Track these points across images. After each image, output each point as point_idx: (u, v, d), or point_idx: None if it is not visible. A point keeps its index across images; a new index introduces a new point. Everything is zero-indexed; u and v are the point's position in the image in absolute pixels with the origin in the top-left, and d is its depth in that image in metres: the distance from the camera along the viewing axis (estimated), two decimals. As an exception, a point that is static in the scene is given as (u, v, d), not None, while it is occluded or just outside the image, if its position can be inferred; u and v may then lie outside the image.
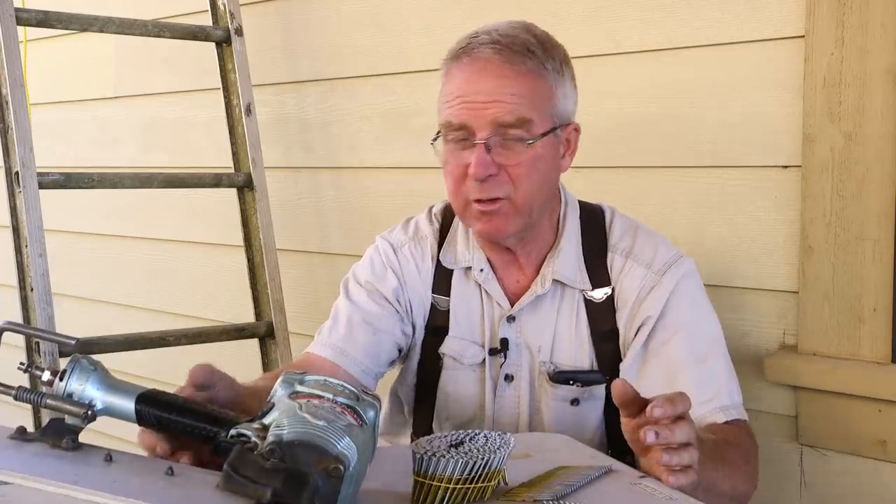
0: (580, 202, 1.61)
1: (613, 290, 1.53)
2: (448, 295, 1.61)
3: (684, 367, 1.46)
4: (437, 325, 1.61)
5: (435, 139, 1.51)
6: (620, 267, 1.54)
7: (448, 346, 1.60)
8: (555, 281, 1.54)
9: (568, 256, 1.55)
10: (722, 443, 1.37)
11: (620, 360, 1.52)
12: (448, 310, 1.60)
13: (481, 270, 1.58)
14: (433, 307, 1.62)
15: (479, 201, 1.46)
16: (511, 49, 1.44)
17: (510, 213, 1.47)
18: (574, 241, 1.56)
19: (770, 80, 1.74)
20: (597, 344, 1.53)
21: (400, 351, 1.63)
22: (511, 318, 1.56)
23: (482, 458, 1.06)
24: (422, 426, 1.64)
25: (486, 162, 1.43)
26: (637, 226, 1.59)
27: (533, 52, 1.45)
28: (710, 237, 1.81)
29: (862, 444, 1.66)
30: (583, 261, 1.55)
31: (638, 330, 1.51)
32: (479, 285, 1.59)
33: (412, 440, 1.64)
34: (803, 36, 1.68)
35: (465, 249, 1.60)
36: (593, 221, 1.59)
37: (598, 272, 1.54)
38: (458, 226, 1.63)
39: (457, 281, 1.61)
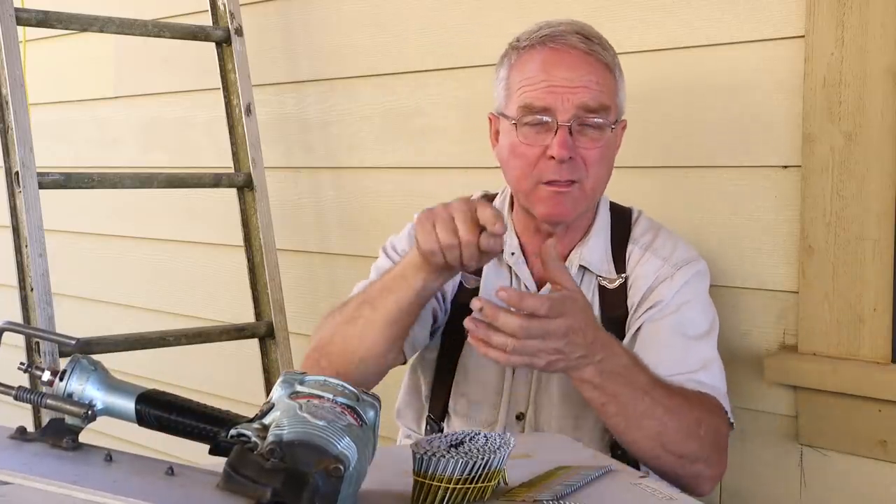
0: (611, 201, 1.68)
1: (627, 278, 1.59)
2: (478, 274, 1.64)
3: (672, 341, 1.52)
4: (464, 303, 1.61)
5: (496, 120, 1.60)
6: (638, 258, 1.60)
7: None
8: (580, 266, 1.59)
9: (596, 245, 1.61)
10: (668, 387, 1.42)
11: None
12: (476, 288, 1.63)
13: (512, 254, 1.63)
14: (460, 284, 1.65)
15: (552, 183, 1.52)
16: (591, 39, 1.54)
17: (579, 197, 1.54)
18: (603, 233, 1.63)
19: (770, 80, 1.74)
20: (607, 328, 1.56)
21: (435, 320, 1.65)
22: None
23: (482, 458, 1.06)
24: (438, 404, 1.66)
25: (569, 144, 1.50)
26: (660, 226, 1.66)
27: (605, 45, 1.56)
28: (710, 237, 1.81)
29: (862, 444, 1.66)
30: (610, 251, 1.62)
31: (644, 313, 1.56)
32: (510, 268, 1.63)
33: (427, 421, 1.67)
34: (803, 36, 1.68)
35: None
36: (621, 218, 1.66)
37: (617, 261, 1.61)
38: None
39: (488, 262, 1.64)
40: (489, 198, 1.72)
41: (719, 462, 1.49)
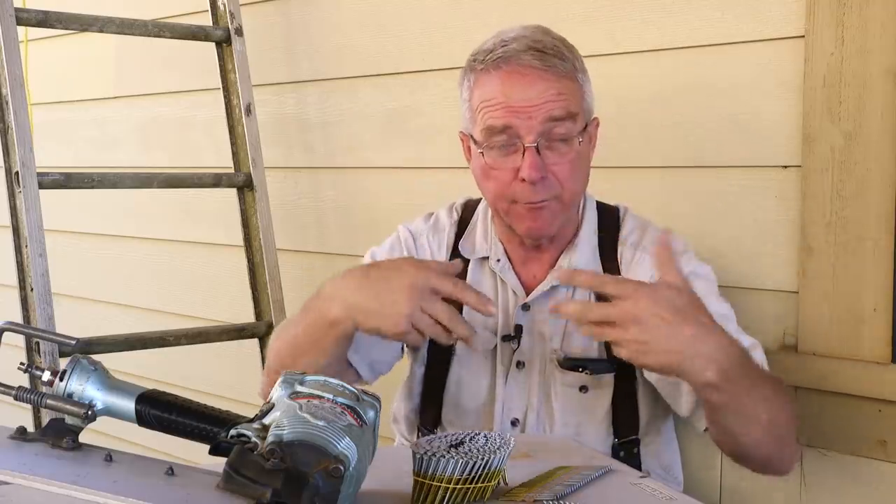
0: (597, 201, 1.66)
1: None
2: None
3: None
4: None
5: (468, 143, 1.56)
6: (630, 258, 1.58)
7: None
8: None
9: (584, 250, 1.59)
10: (762, 367, 1.38)
11: None
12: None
13: (498, 261, 1.61)
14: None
15: (528, 202, 1.49)
16: (546, 53, 1.48)
17: (557, 211, 1.52)
18: (591, 236, 1.61)
19: (770, 80, 1.74)
20: None
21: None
22: (526, 307, 1.58)
23: (482, 458, 1.07)
24: (430, 418, 1.64)
25: (539, 164, 1.46)
26: (648, 223, 1.64)
27: (563, 55, 1.50)
28: (710, 237, 1.81)
29: (862, 444, 1.66)
30: (598, 254, 1.59)
31: None
32: (495, 275, 1.61)
33: (419, 433, 1.65)
34: (803, 36, 1.68)
35: (483, 241, 1.64)
36: (608, 218, 1.64)
37: (609, 264, 1.59)
38: (477, 219, 1.67)
39: (472, 270, 1.63)
40: (473, 203, 1.69)
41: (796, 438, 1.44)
